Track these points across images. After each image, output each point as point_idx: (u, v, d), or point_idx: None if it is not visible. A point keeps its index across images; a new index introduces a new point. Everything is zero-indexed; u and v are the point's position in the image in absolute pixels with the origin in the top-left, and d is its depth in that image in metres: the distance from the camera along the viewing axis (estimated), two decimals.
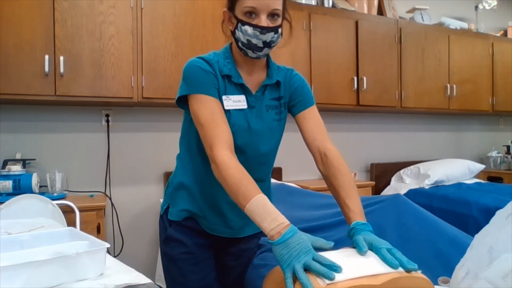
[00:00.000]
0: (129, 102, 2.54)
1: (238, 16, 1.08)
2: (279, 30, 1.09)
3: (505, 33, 4.39)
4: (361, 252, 0.85)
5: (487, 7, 4.09)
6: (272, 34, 1.07)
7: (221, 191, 1.10)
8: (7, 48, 2.21)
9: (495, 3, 4.07)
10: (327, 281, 0.76)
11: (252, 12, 1.05)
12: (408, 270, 0.82)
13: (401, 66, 3.51)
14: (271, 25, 1.06)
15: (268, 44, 1.09)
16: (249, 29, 1.06)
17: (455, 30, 3.88)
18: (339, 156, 1.12)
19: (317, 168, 1.16)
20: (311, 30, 3.08)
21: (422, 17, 3.81)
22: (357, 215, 0.99)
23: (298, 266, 0.79)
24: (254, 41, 1.07)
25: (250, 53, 1.11)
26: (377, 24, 3.40)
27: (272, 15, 1.06)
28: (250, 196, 0.91)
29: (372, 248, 0.87)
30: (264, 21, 1.05)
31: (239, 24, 1.08)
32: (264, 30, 1.05)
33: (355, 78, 3.26)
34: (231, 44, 1.19)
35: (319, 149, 1.14)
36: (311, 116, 1.20)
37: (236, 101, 1.13)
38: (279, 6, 1.06)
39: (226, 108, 1.10)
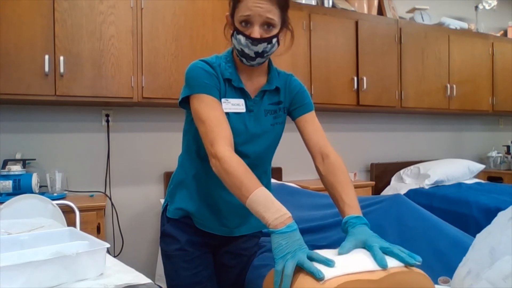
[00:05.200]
0: (129, 102, 2.54)
1: (236, 24, 1.09)
2: (273, 40, 1.09)
3: (505, 33, 4.39)
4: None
5: (487, 7, 4.09)
6: (264, 45, 1.07)
7: (219, 189, 1.12)
8: (7, 48, 2.21)
9: (495, 3, 4.07)
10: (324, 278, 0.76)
11: (247, 21, 1.06)
12: (409, 265, 0.82)
13: (401, 66, 3.50)
14: (264, 35, 1.06)
15: (260, 54, 1.09)
16: (242, 38, 1.07)
17: (455, 30, 3.88)
18: (341, 160, 1.16)
19: (315, 167, 1.19)
20: (311, 30, 3.08)
21: (422, 17, 3.81)
22: (353, 209, 1.00)
23: (291, 261, 0.80)
24: (246, 50, 1.08)
25: (244, 61, 1.12)
26: (377, 24, 3.40)
27: (267, 24, 1.06)
28: (254, 188, 0.92)
29: (366, 246, 0.88)
30: (257, 31, 1.05)
31: (235, 32, 1.09)
32: (255, 41, 1.06)
33: (355, 78, 3.26)
34: (233, 48, 1.20)
35: (321, 151, 1.17)
36: (313, 121, 1.23)
37: (234, 105, 1.15)
38: (273, 16, 1.05)
39: (224, 110, 1.12)
